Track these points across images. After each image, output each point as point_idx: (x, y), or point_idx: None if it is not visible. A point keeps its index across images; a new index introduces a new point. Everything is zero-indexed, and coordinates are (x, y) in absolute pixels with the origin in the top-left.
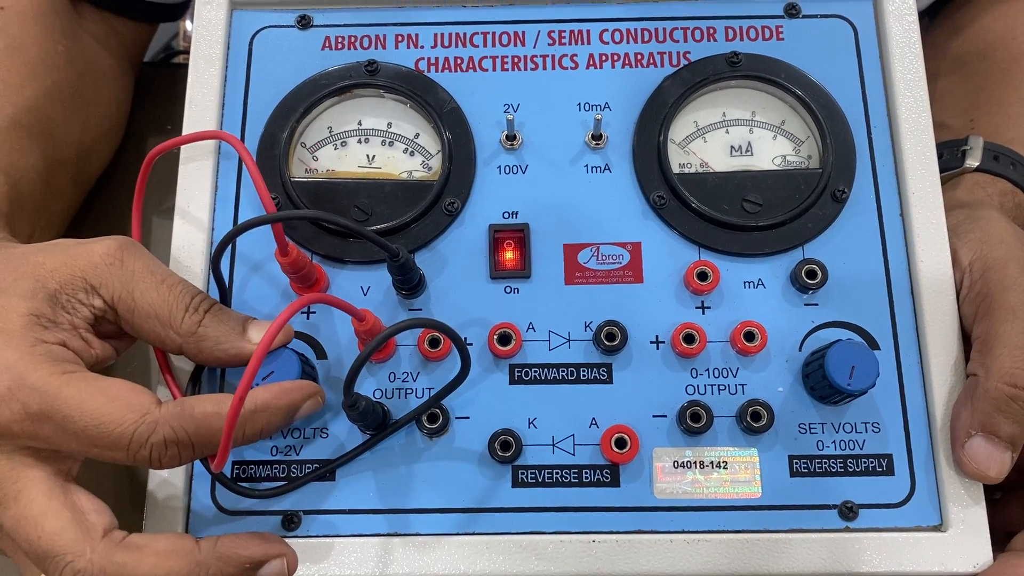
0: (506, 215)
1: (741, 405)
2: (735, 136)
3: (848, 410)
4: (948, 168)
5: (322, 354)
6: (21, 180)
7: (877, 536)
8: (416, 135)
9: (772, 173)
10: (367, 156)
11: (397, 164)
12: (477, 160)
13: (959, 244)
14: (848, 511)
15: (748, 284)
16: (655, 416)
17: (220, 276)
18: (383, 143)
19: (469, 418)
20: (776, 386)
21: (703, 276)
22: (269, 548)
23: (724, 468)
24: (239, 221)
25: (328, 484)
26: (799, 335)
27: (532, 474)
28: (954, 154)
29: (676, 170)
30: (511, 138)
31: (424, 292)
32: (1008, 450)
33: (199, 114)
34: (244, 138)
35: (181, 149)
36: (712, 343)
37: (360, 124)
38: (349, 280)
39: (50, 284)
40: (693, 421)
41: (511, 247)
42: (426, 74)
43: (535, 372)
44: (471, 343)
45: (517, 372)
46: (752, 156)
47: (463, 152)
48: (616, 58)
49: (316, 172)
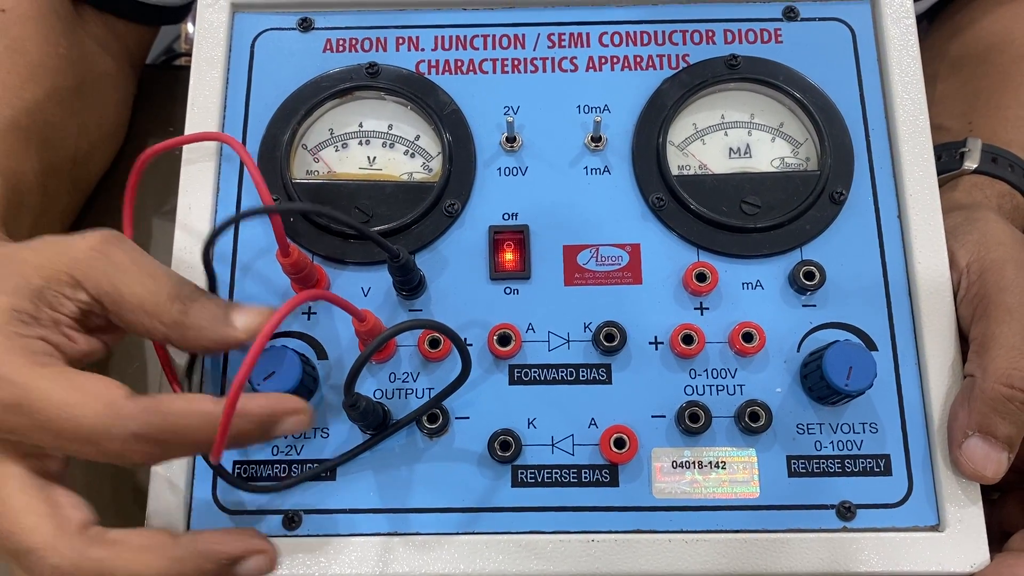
0: (506, 216)
1: (739, 405)
2: (734, 138)
3: (846, 411)
4: (946, 170)
5: (323, 355)
6: (20, 182)
7: (875, 536)
8: (417, 137)
9: (770, 175)
10: (368, 158)
11: (398, 166)
12: (477, 162)
13: (957, 246)
14: (846, 511)
15: (746, 285)
16: (654, 416)
17: (209, 262)
18: (384, 145)
19: (469, 418)
20: (774, 387)
21: (702, 277)
22: (248, 544)
23: (722, 468)
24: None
25: (329, 483)
26: (797, 336)
27: (531, 474)
28: (952, 156)
29: (675, 172)
30: (511, 140)
31: (424, 293)
32: (1005, 450)
33: (201, 116)
34: (246, 140)
35: (183, 151)
36: (711, 344)
37: (361, 126)
38: (350, 281)
39: (34, 280)
40: (692, 421)
41: (511, 248)
42: (427, 76)
43: (535, 372)
44: (471, 344)
45: (517, 372)
46: (751, 158)
47: (463, 154)
48: (615, 61)
49: (317, 174)
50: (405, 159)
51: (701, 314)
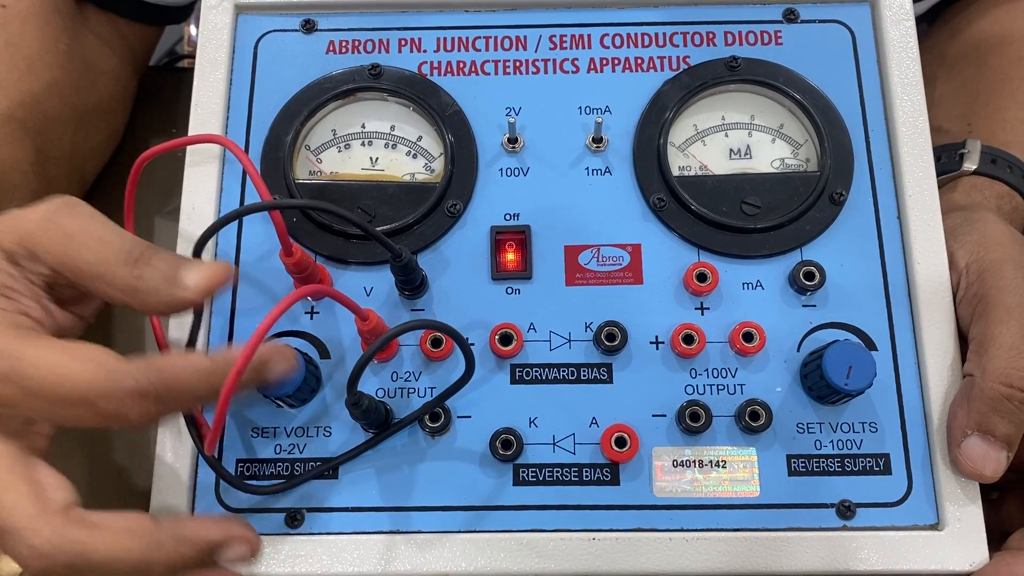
0: (507, 217)
1: (740, 405)
2: (734, 139)
3: (846, 410)
4: (946, 171)
5: (325, 354)
6: (13, 172)
7: (874, 535)
8: (419, 138)
9: (771, 176)
10: (370, 158)
11: (400, 166)
12: (479, 162)
13: (956, 246)
14: (845, 510)
15: (747, 285)
16: (655, 416)
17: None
18: (386, 146)
19: (471, 417)
20: (774, 386)
21: (702, 277)
22: (229, 530)
23: (723, 467)
24: (243, 226)
25: (331, 482)
26: (797, 336)
27: (533, 473)
28: (952, 157)
29: (676, 173)
30: (513, 141)
31: (426, 293)
32: (1004, 449)
33: (205, 117)
34: (249, 141)
35: (186, 152)
36: (711, 343)
37: (364, 127)
38: (352, 281)
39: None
40: (692, 421)
41: (512, 248)
42: (429, 78)
43: (536, 372)
44: (473, 343)
45: (518, 372)
46: (751, 159)
47: (465, 154)
48: (616, 62)
49: (320, 174)
50: (407, 160)
51: (702, 314)
